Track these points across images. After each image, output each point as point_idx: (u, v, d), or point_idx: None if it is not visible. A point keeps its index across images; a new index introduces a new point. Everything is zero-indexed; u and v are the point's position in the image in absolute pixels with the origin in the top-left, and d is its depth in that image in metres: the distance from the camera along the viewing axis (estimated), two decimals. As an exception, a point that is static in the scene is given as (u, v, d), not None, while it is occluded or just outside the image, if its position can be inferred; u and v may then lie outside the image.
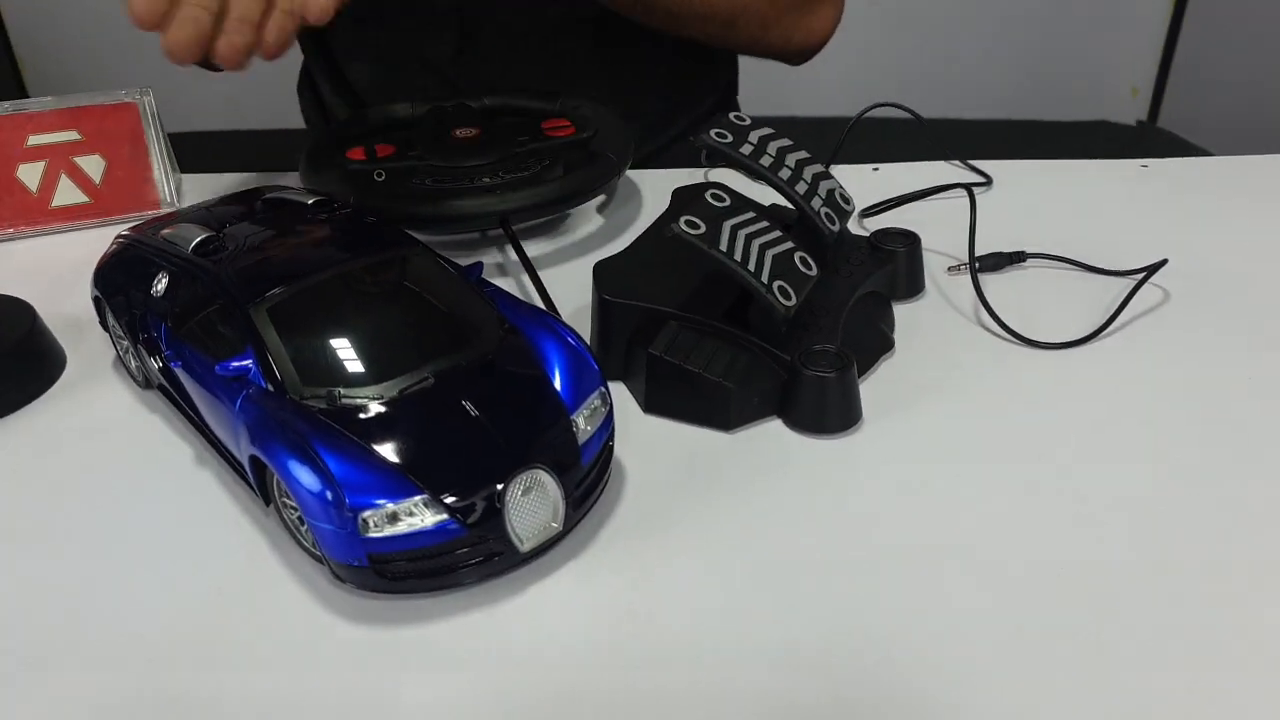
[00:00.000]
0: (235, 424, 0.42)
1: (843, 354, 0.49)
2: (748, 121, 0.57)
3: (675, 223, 0.48)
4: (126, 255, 0.53)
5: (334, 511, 0.38)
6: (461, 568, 0.39)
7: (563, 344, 0.45)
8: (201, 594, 0.41)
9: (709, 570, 0.42)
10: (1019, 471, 0.46)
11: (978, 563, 0.41)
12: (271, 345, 0.42)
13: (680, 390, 0.49)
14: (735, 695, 0.36)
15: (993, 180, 0.73)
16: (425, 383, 0.42)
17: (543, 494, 0.41)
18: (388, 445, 0.39)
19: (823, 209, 0.55)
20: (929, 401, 0.51)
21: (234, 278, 0.45)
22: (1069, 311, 0.58)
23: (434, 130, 0.73)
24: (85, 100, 0.71)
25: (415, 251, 0.48)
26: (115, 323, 0.53)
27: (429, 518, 0.38)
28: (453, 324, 0.45)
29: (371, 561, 0.38)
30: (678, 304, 0.51)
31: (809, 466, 0.47)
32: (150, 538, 0.44)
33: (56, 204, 0.72)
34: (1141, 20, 2.31)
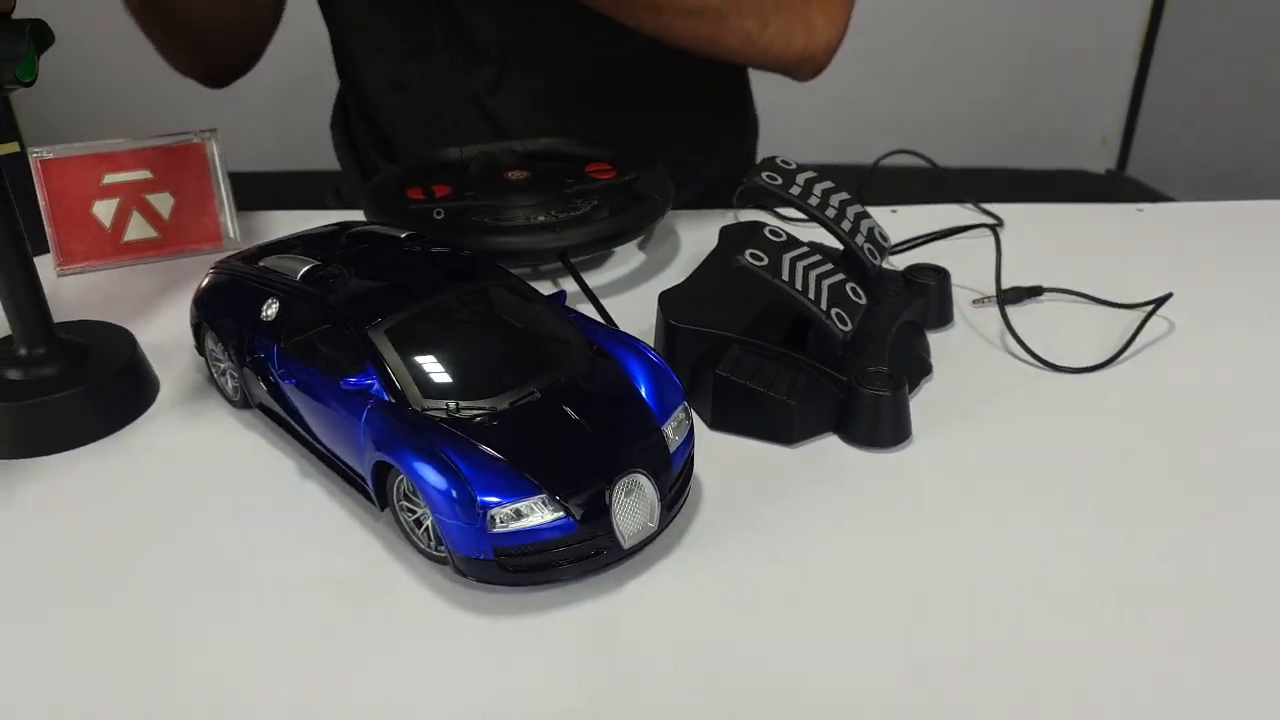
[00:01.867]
0: (359, 435, 0.46)
1: (895, 375, 0.54)
2: (793, 165, 0.63)
3: (741, 255, 0.53)
4: (228, 284, 0.57)
5: (465, 509, 0.42)
6: (573, 561, 0.43)
7: (647, 362, 0.50)
8: (321, 592, 0.45)
9: (785, 568, 0.46)
10: (1059, 483, 0.51)
11: (1028, 565, 0.46)
12: (392, 363, 0.46)
13: (745, 408, 0.54)
14: (815, 676, 0.41)
15: (1004, 222, 0.79)
16: (532, 396, 0.47)
17: (641, 496, 0.45)
18: (506, 450, 0.44)
19: (865, 245, 0.61)
20: (970, 420, 0.56)
21: (349, 303, 0.49)
22: (1084, 340, 0.63)
23: (486, 172, 0.78)
24: (157, 141, 0.75)
25: (508, 280, 0.53)
26: (215, 346, 0.57)
27: (547, 515, 0.43)
28: (549, 344, 0.50)
29: (496, 555, 0.42)
30: (739, 329, 0.56)
31: (866, 477, 0.52)
32: (265, 542, 0.48)
33: (128, 239, 0.76)
34: (1110, 75, 2.43)
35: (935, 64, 2.26)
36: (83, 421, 0.55)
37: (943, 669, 0.41)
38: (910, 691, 0.40)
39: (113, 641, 0.43)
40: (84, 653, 0.42)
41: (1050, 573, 0.45)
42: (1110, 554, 0.47)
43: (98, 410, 0.56)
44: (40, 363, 0.56)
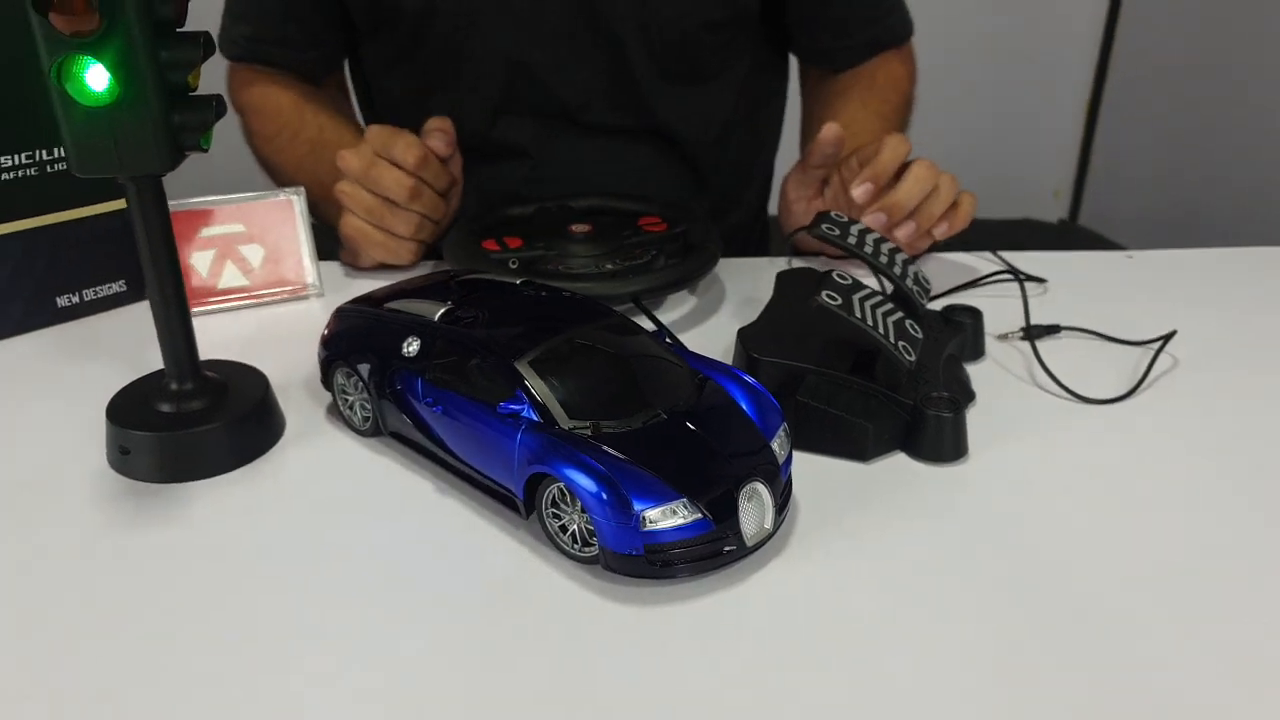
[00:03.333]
0: (512, 452, 0.53)
1: (955, 399, 0.62)
2: (845, 219, 0.72)
3: (819, 296, 0.61)
4: (359, 326, 0.64)
5: (620, 511, 0.49)
6: (708, 558, 0.50)
7: (747, 386, 0.57)
8: (475, 594, 0.51)
9: (875, 563, 0.53)
10: (1102, 496, 0.60)
11: (1083, 564, 0.54)
12: (539, 389, 0.53)
13: (824, 429, 0.62)
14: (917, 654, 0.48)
15: (1046, 281, 0.88)
16: (659, 416, 0.54)
17: (760, 502, 0.52)
18: (648, 461, 0.51)
19: (913, 287, 0.69)
20: (1016, 440, 0.64)
21: (494, 339, 0.56)
22: (1100, 373, 0.72)
23: (549, 225, 0.85)
24: (249, 198, 0.82)
25: (620, 317, 0.60)
26: (346, 381, 0.63)
27: (689, 516, 0.50)
28: (665, 371, 0.57)
29: (646, 551, 0.49)
30: (813, 360, 0.64)
31: (935, 488, 0.60)
32: (417, 551, 0.54)
33: (222, 286, 0.82)
34: (1060, 130, 2.59)
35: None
36: (227, 450, 0.61)
37: (1014, 654, 0.48)
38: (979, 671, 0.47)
39: (267, 651, 0.48)
40: (246, 665, 0.48)
41: (1112, 569, 0.54)
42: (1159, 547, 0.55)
43: (238, 441, 0.62)
44: (188, 397, 0.62)
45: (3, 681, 0.46)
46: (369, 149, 0.82)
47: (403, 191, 0.81)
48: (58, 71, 0.50)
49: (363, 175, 0.82)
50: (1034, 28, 2.43)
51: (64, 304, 0.78)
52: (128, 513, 0.58)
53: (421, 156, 0.82)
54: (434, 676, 0.46)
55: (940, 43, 2.28)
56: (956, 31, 2.34)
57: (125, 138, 0.53)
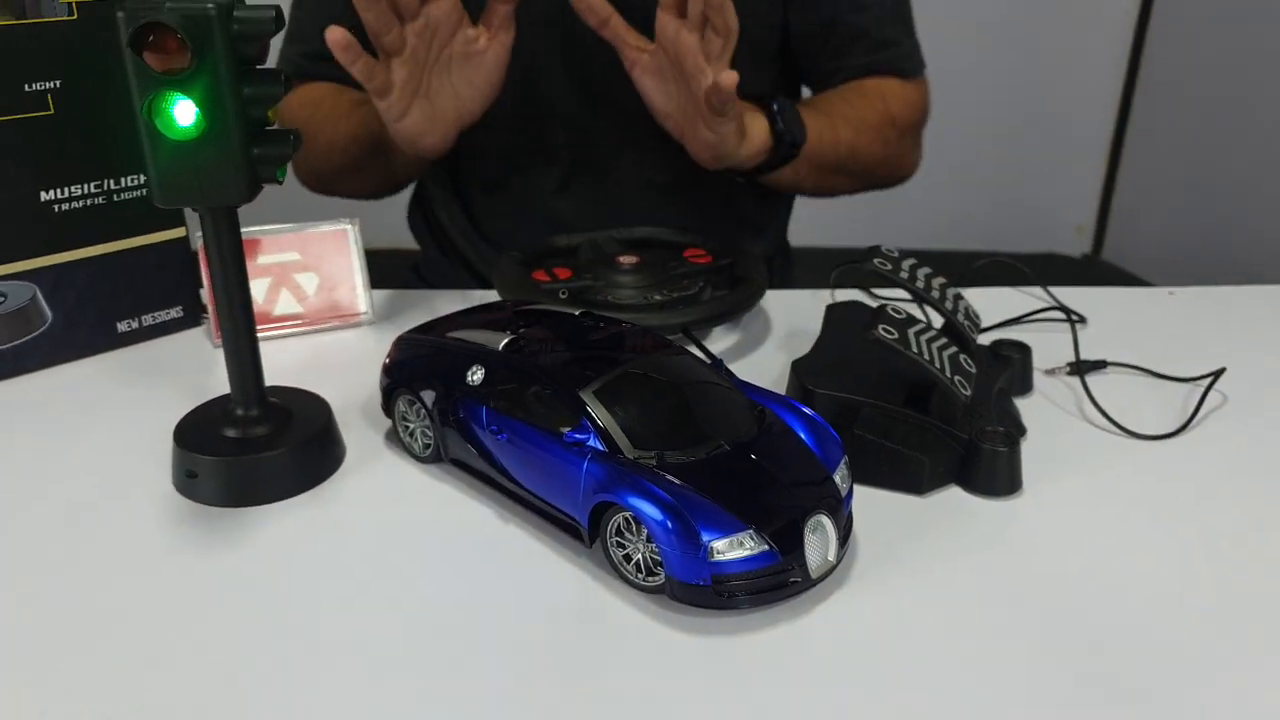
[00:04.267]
0: (578, 480, 0.53)
1: (1010, 433, 0.63)
2: (896, 253, 0.73)
3: (875, 330, 0.62)
4: (422, 355, 0.65)
5: (688, 541, 0.49)
6: (774, 589, 0.51)
7: (807, 419, 0.58)
8: (540, 621, 0.52)
9: (936, 595, 0.54)
10: (1156, 533, 0.60)
11: (1137, 600, 0.55)
12: (604, 419, 0.54)
13: (880, 462, 0.62)
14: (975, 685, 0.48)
15: (1086, 318, 0.88)
16: (722, 447, 0.55)
17: (824, 534, 0.53)
18: (714, 492, 0.51)
19: (964, 321, 0.70)
20: (1068, 475, 0.65)
21: (558, 369, 0.57)
22: (1149, 410, 0.72)
23: (596, 257, 0.87)
24: (306, 227, 0.83)
25: (679, 349, 0.61)
26: (408, 409, 0.64)
27: (756, 547, 0.50)
28: (726, 402, 0.58)
29: (714, 581, 0.50)
30: (867, 393, 0.65)
31: (989, 522, 0.60)
32: (480, 578, 0.55)
33: (277, 313, 0.83)
34: (1083, 164, 2.60)
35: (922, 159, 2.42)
36: (292, 476, 0.62)
37: (1064, 674, 0.49)
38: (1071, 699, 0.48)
39: (341, 675, 0.49)
40: (309, 690, 0.48)
41: (1166, 604, 0.54)
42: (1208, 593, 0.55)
43: (302, 467, 0.63)
44: (254, 423, 0.63)
45: (70, 704, 0.47)
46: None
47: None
48: (148, 107, 0.52)
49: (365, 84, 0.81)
50: (1056, 61, 2.45)
51: (124, 329, 0.80)
52: (194, 536, 0.59)
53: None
54: (499, 705, 0.47)
55: (962, 77, 2.31)
56: (978, 65, 2.36)
57: (208, 170, 0.54)
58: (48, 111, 0.71)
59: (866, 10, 1.04)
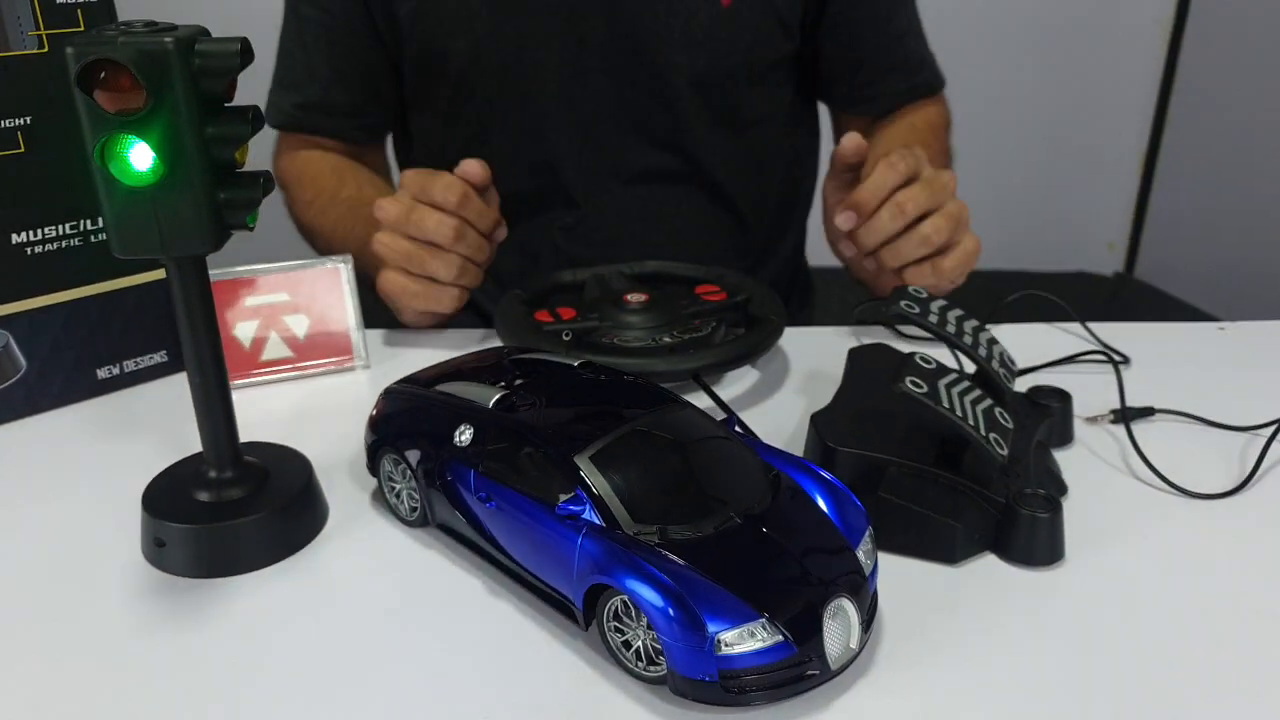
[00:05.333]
0: (572, 557, 0.48)
1: (1051, 497, 0.57)
2: (924, 294, 0.67)
3: (902, 383, 0.57)
4: (410, 409, 0.60)
5: (692, 633, 0.44)
6: (789, 684, 0.45)
7: (828, 485, 0.53)
8: (527, 712, 0.47)
9: (971, 681, 0.48)
10: (1214, 604, 0.54)
11: (1194, 681, 0.49)
12: (600, 488, 0.49)
13: (908, 528, 0.57)
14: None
15: (1129, 359, 0.81)
16: (733, 520, 0.49)
17: (845, 619, 0.47)
18: (721, 574, 0.46)
19: (1000, 369, 0.64)
20: (1114, 539, 0.59)
21: (551, 429, 0.52)
22: (1203, 463, 0.66)
23: (603, 294, 0.82)
24: (295, 266, 0.79)
25: (687, 406, 0.56)
26: (394, 468, 0.60)
27: (769, 638, 0.45)
28: (738, 468, 0.53)
29: (722, 678, 0.45)
30: (893, 451, 0.59)
31: (1029, 595, 0.54)
32: (465, 662, 0.50)
33: (265, 357, 0.79)
34: (1116, 181, 2.53)
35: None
36: (269, 543, 0.57)
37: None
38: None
39: None
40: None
41: (1227, 687, 0.48)
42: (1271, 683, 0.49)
43: (282, 532, 0.58)
44: (228, 485, 0.58)
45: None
46: (406, 194, 0.79)
47: (447, 232, 0.78)
48: (101, 151, 0.47)
49: (402, 221, 0.79)
50: (1089, 74, 2.38)
51: (104, 375, 0.76)
52: (162, 611, 0.54)
53: (463, 194, 0.79)
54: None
55: (992, 90, 2.25)
56: (1008, 79, 2.30)
57: (169, 218, 0.50)
58: (18, 150, 0.67)
59: (903, 38, 1.04)
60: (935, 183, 0.79)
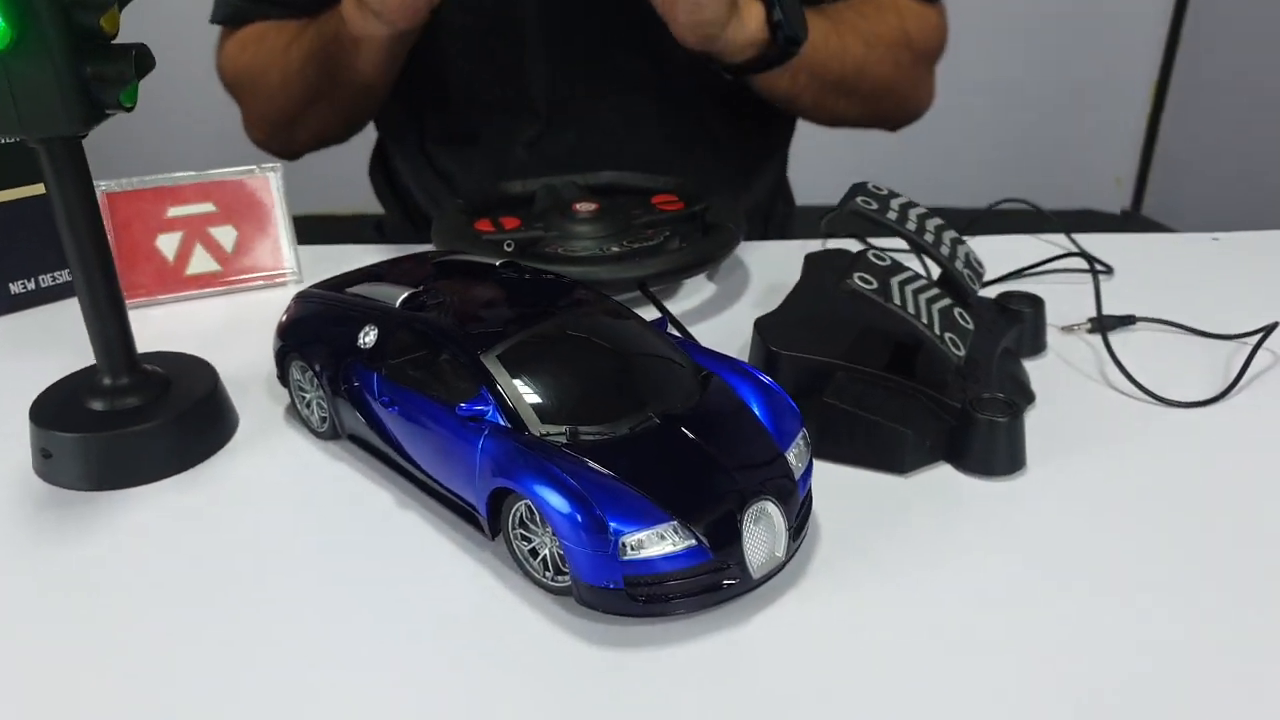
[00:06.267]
0: (473, 461, 0.44)
1: (1011, 401, 0.52)
2: (885, 191, 0.62)
3: (850, 279, 0.52)
4: (317, 313, 0.56)
5: (594, 536, 0.40)
6: (702, 592, 0.41)
7: (761, 386, 0.48)
8: (429, 624, 0.43)
9: (910, 604, 0.44)
10: (1183, 518, 0.49)
11: (1164, 598, 0.44)
12: (508, 388, 0.45)
13: (854, 436, 0.52)
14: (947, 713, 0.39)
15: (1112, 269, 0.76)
16: (650, 421, 0.45)
17: (770, 524, 0.43)
18: (632, 476, 0.42)
19: (964, 270, 0.59)
20: (1082, 451, 0.54)
21: (458, 328, 0.48)
22: (1183, 372, 0.61)
23: (553, 205, 0.77)
24: (221, 175, 0.74)
25: (613, 304, 0.51)
26: (302, 376, 0.55)
27: (679, 543, 0.41)
28: (662, 368, 0.48)
29: (627, 584, 0.40)
30: (842, 355, 0.55)
31: (985, 508, 0.50)
32: (368, 575, 0.46)
33: (190, 272, 0.74)
34: (1123, 114, 2.44)
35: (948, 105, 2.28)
36: (166, 454, 0.53)
37: (1068, 702, 0.39)
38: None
39: (197, 683, 0.40)
40: (167, 694, 0.40)
41: (1178, 611, 0.44)
42: (1246, 597, 0.45)
43: (181, 442, 0.54)
44: (124, 393, 0.54)
45: None
46: None
47: None
48: (-63, 10, 0.42)
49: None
50: (1099, 5, 2.29)
51: (18, 290, 0.72)
52: (48, 525, 0.50)
53: None
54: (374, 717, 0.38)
55: (997, 20, 2.17)
56: (1014, 9, 2.21)
57: (25, 92, 0.45)
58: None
59: None
60: None
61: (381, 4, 0.73)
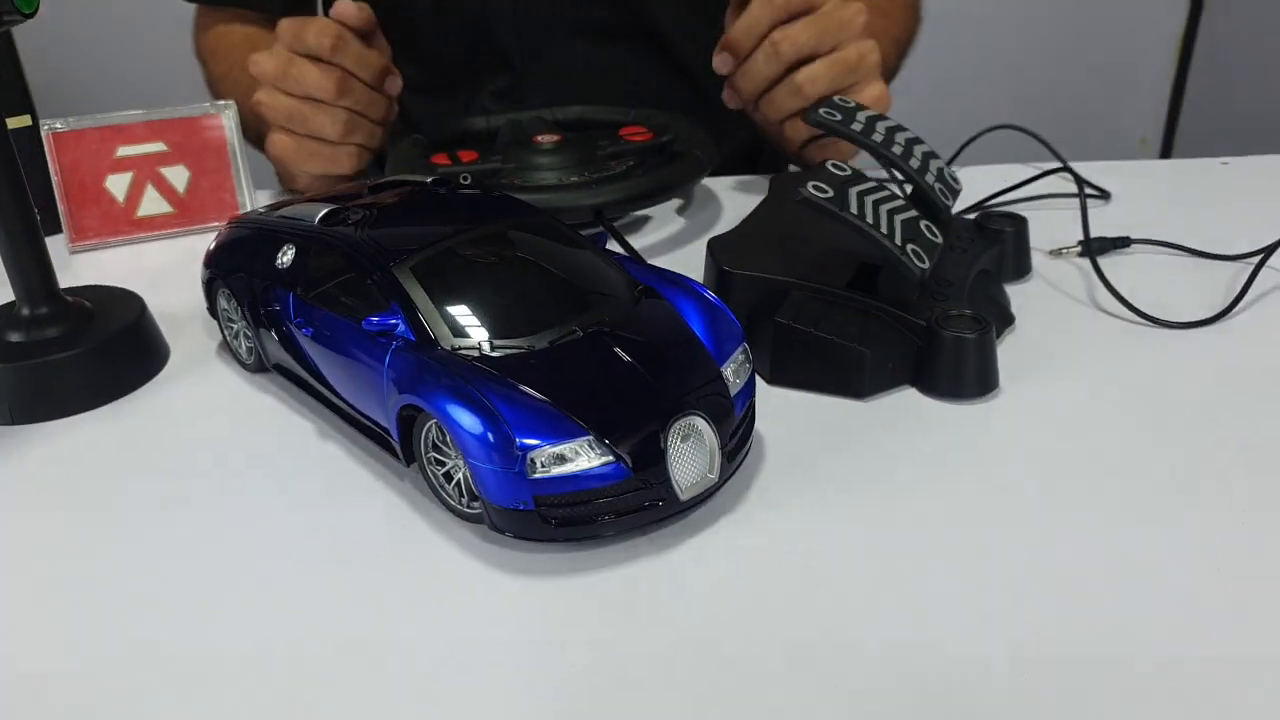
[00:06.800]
0: (382, 379, 0.41)
1: (980, 317, 0.48)
2: (852, 104, 0.58)
3: (803, 187, 0.48)
4: (244, 237, 0.53)
5: (501, 453, 0.37)
6: (623, 514, 0.38)
7: (701, 300, 0.44)
8: (344, 557, 0.40)
9: (860, 528, 0.40)
10: (1168, 440, 0.45)
11: (1133, 531, 0.40)
12: (419, 301, 0.41)
13: (810, 359, 0.49)
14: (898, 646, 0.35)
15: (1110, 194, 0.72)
16: (574, 335, 0.41)
17: (700, 443, 0.39)
18: (547, 390, 0.38)
19: (936, 184, 0.55)
20: (1062, 372, 0.50)
21: (372, 242, 0.44)
22: (1180, 295, 0.57)
23: (515, 137, 0.73)
24: (171, 113, 0.71)
25: (545, 218, 0.48)
26: (229, 305, 0.52)
27: (594, 459, 0.37)
28: (592, 281, 0.45)
29: (537, 505, 0.37)
30: (799, 274, 0.51)
31: (950, 432, 0.46)
32: (283, 506, 0.43)
33: (142, 213, 0.72)
34: (1148, 69, 2.36)
35: (970, 64, 2.21)
36: (86, 385, 0.51)
37: (1030, 636, 0.35)
38: (995, 658, 0.34)
39: (117, 615, 0.38)
40: (89, 626, 0.37)
41: (1156, 540, 0.39)
42: (1229, 521, 0.40)
43: (102, 374, 0.52)
44: (43, 323, 0.52)
45: None
46: (281, 47, 0.70)
47: (328, 85, 0.69)
48: None
49: (280, 76, 0.70)
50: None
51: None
52: (-40, 460, 0.48)
53: (336, 37, 0.69)
54: (272, 659, 0.35)
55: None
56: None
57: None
58: None
59: None
60: (828, 18, 0.66)
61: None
